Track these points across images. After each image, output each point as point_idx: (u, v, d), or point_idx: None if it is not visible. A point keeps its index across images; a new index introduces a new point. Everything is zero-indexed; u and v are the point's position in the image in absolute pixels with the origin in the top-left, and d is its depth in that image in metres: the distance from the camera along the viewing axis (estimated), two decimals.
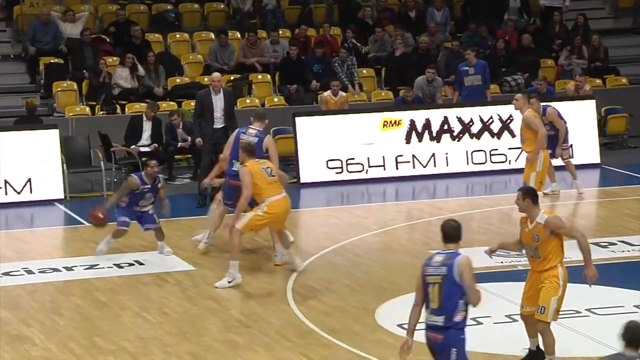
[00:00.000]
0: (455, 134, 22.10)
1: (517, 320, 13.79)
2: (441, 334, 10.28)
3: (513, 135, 21.78)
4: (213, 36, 25.17)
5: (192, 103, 21.42)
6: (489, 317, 14.07)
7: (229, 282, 15.30)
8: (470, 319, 13.78)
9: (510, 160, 22.06)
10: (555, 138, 19.67)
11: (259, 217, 15.33)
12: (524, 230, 12.00)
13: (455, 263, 10.27)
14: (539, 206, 11.90)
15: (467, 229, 18.43)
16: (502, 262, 16.35)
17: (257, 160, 15.54)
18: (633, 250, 16.79)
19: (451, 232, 10.51)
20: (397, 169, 21.90)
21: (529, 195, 11.73)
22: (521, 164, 18.84)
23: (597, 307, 14.32)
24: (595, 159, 22.61)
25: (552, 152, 19.50)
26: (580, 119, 22.45)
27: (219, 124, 19.68)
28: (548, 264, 11.89)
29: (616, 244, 17.13)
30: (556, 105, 22.56)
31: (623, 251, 16.80)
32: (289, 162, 21.93)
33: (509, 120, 22.00)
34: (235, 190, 16.01)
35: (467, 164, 22.05)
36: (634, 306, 14.21)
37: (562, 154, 20.00)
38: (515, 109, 17.93)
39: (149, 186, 16.52)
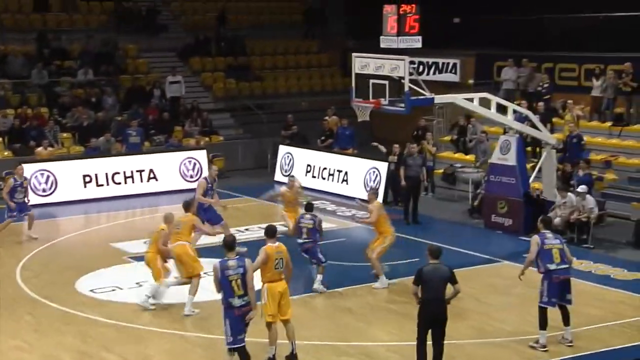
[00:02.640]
0: (127, 174, 21.58)
1: (141, 285, 13.59)
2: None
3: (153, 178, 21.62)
4: None
5: None
6: (121, 288, 13.82)
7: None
8: (114, 286, 13.61)
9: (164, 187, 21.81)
10: None
11: None
12: None
13: (246, 263, 9.86)
14: None
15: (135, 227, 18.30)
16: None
17: None
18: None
19: (232, 244, 9.87)
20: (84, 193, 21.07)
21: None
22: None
23: None
24: None
25: None
26: (199, 162, 22.66)
27: None
28: None
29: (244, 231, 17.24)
30: (186, 153, 22.61)
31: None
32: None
33: (155, 163, 21.84)
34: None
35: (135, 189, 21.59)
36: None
37: None
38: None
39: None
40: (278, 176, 23.32)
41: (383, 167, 20.46)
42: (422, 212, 19.07)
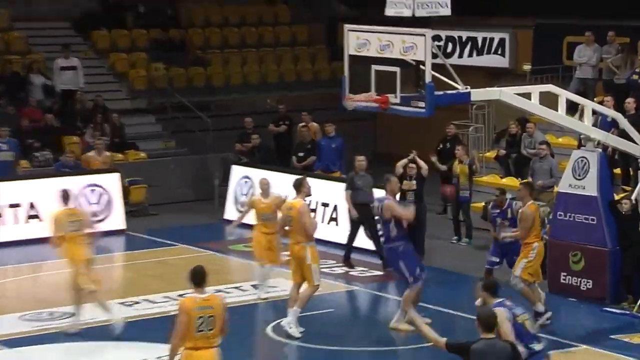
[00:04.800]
0: None
1: None
2: None
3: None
4: None
5: None
6: None
7: None
8: None
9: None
10: None
11: None
12: None
13: None
14: None
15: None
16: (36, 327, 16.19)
17: None
18: (154, 307, 17.09)
19: None
20: None
21: None
22: None
23: None
24: (121, 225, 22.82)
25: None
26: (108, 192, 22.78)
27: None
28: None
29: (140, 302, 17.37)
30: (87, 178, 22.66)
31: (146, 308, 17.06)
32: None
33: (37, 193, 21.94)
34: None
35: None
36: (157, 357, 14.41)
37: None
38: None
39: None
40: (230, 212, 23.38)
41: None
42: (451, 268, 19.18)
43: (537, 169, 20.65)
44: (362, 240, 20.34)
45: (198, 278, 10.95)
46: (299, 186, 15.77)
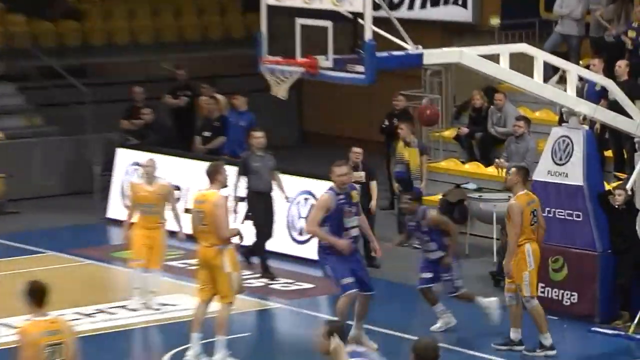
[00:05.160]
0: None
1: None
2: None
3: None
4: None
5: None
6: None
7: None
8: None
9: None
10: None
11: None
12: None
13: None
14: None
15: None
16: None
17: None
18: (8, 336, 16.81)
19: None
20: None
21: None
22: None
23: None
24: None
25: None
26: None
27: None
28: None
29: None
30: None
31: (4, 336, 16.84)
32: None
33: None
34: None
35: None
36: None
37: None
38: None
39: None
40: (116, 209, 23.32)
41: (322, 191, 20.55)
42: (399, 279, 19.29)
43: (513, 151, 20.68)
44: (286, 245, 20.38)
45: (39, 296, 10.77)
46: (213, 173, 15.67)
